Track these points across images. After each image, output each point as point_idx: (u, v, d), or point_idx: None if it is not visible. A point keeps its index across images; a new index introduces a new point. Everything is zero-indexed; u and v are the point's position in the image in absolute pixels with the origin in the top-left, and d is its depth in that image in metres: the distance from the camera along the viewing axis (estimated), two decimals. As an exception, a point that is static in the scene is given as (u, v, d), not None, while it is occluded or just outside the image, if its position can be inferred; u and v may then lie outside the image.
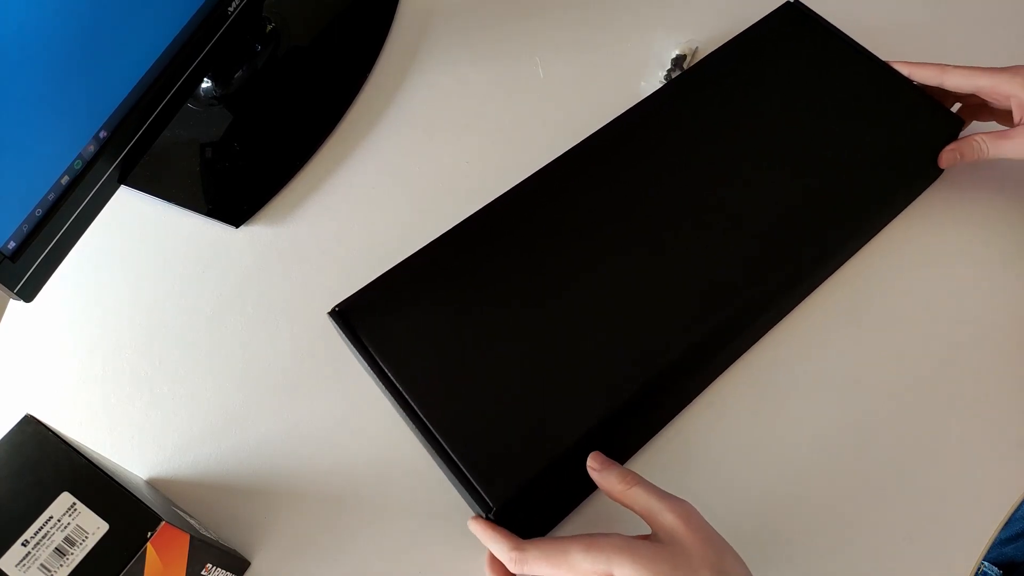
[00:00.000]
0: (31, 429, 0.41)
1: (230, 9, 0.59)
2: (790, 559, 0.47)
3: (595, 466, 0.43)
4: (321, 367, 0.54)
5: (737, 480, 0.49)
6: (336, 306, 0.50)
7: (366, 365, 0.49)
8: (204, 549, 0.43)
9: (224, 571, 0.47)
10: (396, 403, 0.47)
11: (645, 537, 0.41)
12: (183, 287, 0.60)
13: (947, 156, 0.55)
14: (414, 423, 0.46)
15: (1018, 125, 0.53)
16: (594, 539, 0.40)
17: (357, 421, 0.53)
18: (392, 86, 0.67)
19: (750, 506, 0.49)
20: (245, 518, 0.51)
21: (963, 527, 0.48)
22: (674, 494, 0.41)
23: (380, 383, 0.48)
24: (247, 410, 0.54)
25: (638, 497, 0.41)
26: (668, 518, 0.39)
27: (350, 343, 0.49)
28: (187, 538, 0.41)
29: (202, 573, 0.44)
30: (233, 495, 0.51)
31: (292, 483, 0.52)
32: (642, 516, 0.41)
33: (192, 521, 0.47)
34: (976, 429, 0.50)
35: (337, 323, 0.49)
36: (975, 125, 0.58)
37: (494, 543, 0.43)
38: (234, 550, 0.48)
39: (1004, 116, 0.56)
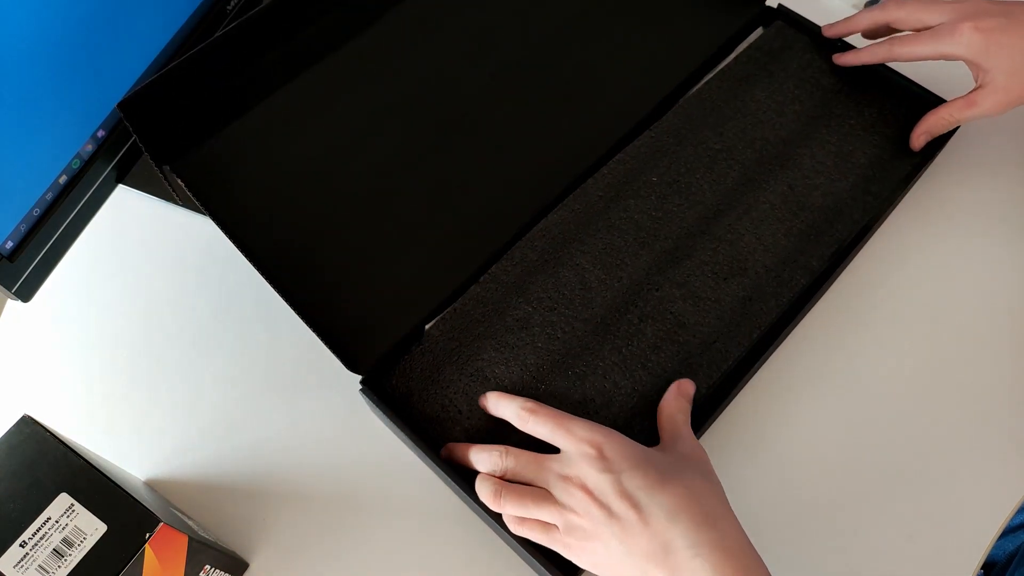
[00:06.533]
0: (29, 430, 0.41)
1: (229, 7, 0.59)
2: (791, 559, 0.47)
3: (684, 390, 0.47)
4: (320, 367, 0.54)
5: (738, 480, 0.49)
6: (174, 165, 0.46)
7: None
8: (202, 550, 0.43)
9: (222, 572, 0.46)
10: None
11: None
12: (182, 287, 0.59)
13: (918, 140, 0.55)
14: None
15: (978, 88, 0.53)
16: (599, 424, 0.43)
17: (356, 422, 0.53)
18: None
19: (751, 506, 0.48)
20: (244, 519, 0.50)
21: (964, 527, 0.48)
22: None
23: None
24: (246, 411, 0.54)
25: (680, 422, 0.45)
26: (683, 443, 0.44)
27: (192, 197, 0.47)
28: (185, 539, 0.41)
29: (200, 574, 0.44)
30: (232, 496, 0.51)
31: (291, 484, 0.51)
32: (664, 438, 0.45)
33: (190, 522, 0.47)
34: (977, 429, 0.50)
35: (181, 178, 0.47)
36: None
37: (507, 400, 0.46)
38: (232, 551, 0.48)
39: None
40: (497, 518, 0.44)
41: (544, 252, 0.52)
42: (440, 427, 0.48)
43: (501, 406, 0.46)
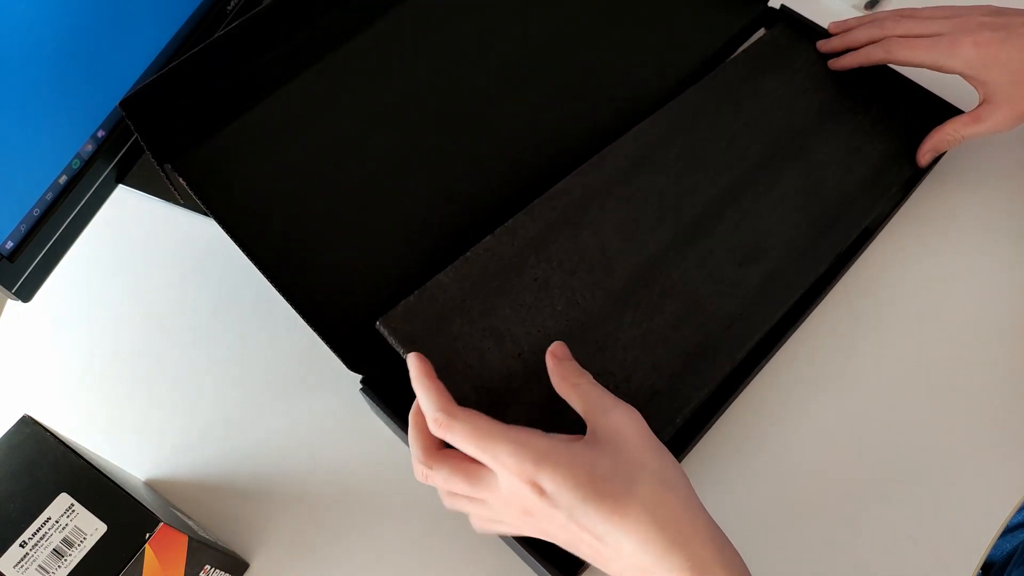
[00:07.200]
0: (29, 430, 0.41)
1: (229, 7, 0.59)
2: (791, 558, 0.47)
3: (558, 353, 0.43)
4: (320, 367, 0.54)
5: (739, 480, 0.49)
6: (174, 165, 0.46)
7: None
8: (202, 550, 0.43)
9: (222, 572, 0.46)
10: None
11: (579, 439, 0.38)
12: (181, 287, 0.59)
13: (924, 157, 0.55)
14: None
15: (983, 103, 0.52)
16: (525, 439, 0.36)
17: (356, 421, 0.53)
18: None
19: (752, 505, 0.48)
20: (244, 519, 0.50)
21: (965, 527, 0.47)
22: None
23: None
24: (246, 410, 0.54)
25: (586, 393, 0.40)
26: (613, 418, 0.38)
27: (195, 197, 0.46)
28: (185, 539, 0.41)
29: (200, 574, 0.44)
30: (232, 496, 0.51)
31: (291, 484, 0.51)
32: (584, 415, 0.39)
33: (190, 522, 0.47)
34: (978, 429, 0.50)
35: (182, 176, 0.46)
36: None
37: (425, 395, 0.39)
38: (233, 551, 0.48)
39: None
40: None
41: (564, 211, 0.49)
42: (445, 381, 0.43)
43: (420, 399, 0.40)
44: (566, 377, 0.41)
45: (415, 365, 0.40)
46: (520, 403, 0.44)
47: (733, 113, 0.56)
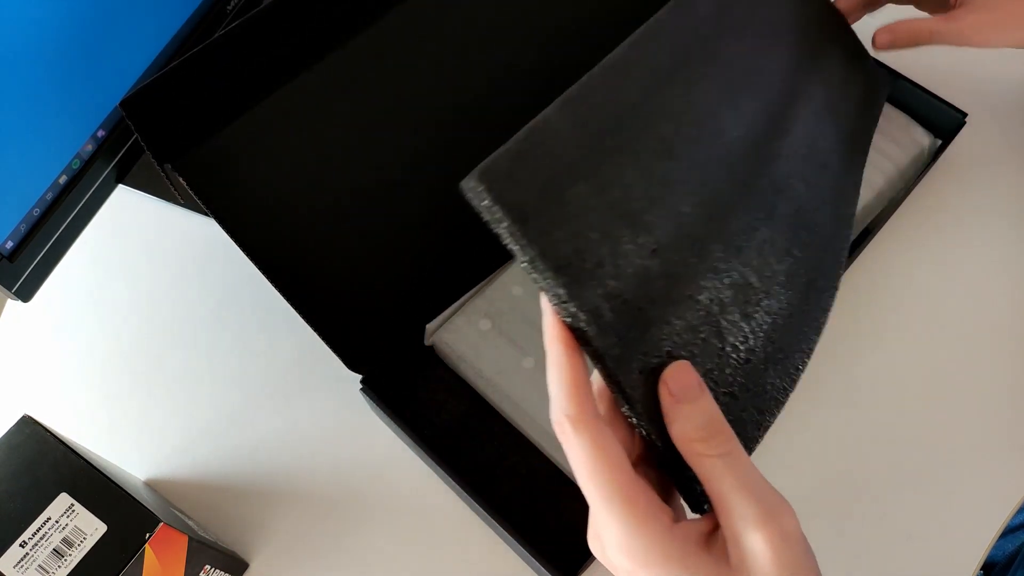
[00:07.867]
0: (29, 430, 0.41)
1: (229, 7, 0.59)
2: (791, 560, 0.47)
3: (675, 387, 0.29)
4: (320, 367, 0.54)
5: (738, 481, 0.49)
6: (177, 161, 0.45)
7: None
8: (202, 550, 0.43)
9: (222, 572, 0.46)
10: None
11: (711, 527, 0.28)
12: (182, 286, 0.59)
13: (881, 38, 0.49)
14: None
15: (957, 7, 0.49)
16: (638, 520, 0.27)
17: (356, 421, 0.53)
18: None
19: (751, 507, 0.48)
20: (244, 519, 0.50)
21: (964, 527, 0.47)
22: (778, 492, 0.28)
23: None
24: (246, 410, 0.54)
25: (720, 478, 0.28)
26: (752, 538, 0.27)
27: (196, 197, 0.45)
28: (185, 539, 0.41)
29: (200, 574, 0.44)
30: (232, 496, 0.51)
31: (291, 484, 0.51)
32: (714, 506, 0.28)
33: (190, 522, 0.47)
34: (977, 429, 0.50)
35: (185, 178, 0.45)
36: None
37: (556, 375, 0.28)
38: (232, 551, 0.48)
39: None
40: (497, 519, 0.44)
41: (663, 68, 0.35)
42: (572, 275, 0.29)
43: (550, 376, 0.28)
44: (690, 437, 0.28)
45: (553, 323, 0.28)
46: (663, 322, 0.31)
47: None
